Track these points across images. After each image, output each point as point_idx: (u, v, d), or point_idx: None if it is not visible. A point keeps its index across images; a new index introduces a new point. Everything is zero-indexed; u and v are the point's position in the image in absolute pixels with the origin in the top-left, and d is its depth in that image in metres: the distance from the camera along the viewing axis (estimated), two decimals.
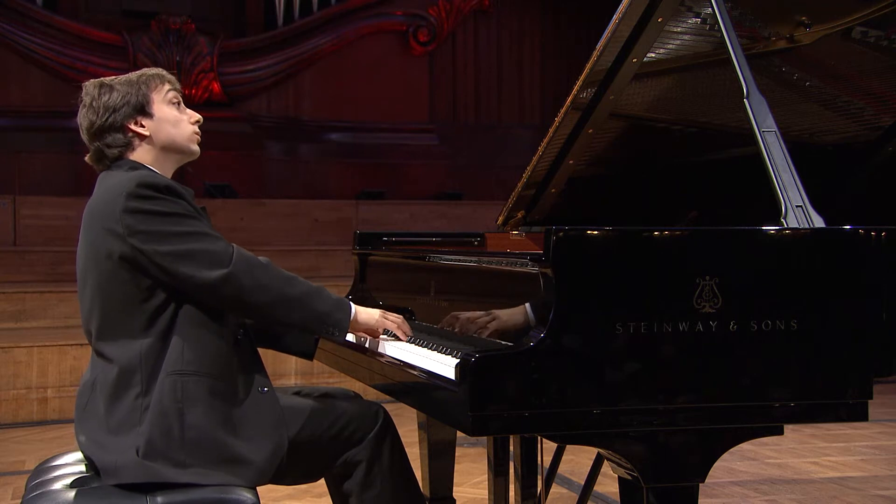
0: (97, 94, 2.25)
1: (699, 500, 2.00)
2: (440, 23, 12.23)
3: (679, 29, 2.74)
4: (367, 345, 2.45)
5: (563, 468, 4.20)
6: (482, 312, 2.25)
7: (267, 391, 2.23)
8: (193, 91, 10.88)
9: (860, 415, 1.99)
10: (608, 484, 4.05)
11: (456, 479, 3.26)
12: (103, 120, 2.23)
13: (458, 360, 1.86)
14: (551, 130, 2.92)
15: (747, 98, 2.22)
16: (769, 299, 1.93)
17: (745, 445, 2.02)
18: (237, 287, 2.11)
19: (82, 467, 2.21)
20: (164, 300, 2.12)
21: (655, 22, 2.60)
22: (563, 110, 2.84)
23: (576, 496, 3.35)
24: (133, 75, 2.29)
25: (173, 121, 2.27)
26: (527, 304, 2.06)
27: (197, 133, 2.33)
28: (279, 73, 11.40)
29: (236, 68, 11.09)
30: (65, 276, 8.16)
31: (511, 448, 2.95)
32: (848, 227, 2.01)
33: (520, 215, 3.26)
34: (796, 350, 1.94)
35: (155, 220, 2.09)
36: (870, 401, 2.02)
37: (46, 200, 9.20)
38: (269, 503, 2.44)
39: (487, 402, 1.81)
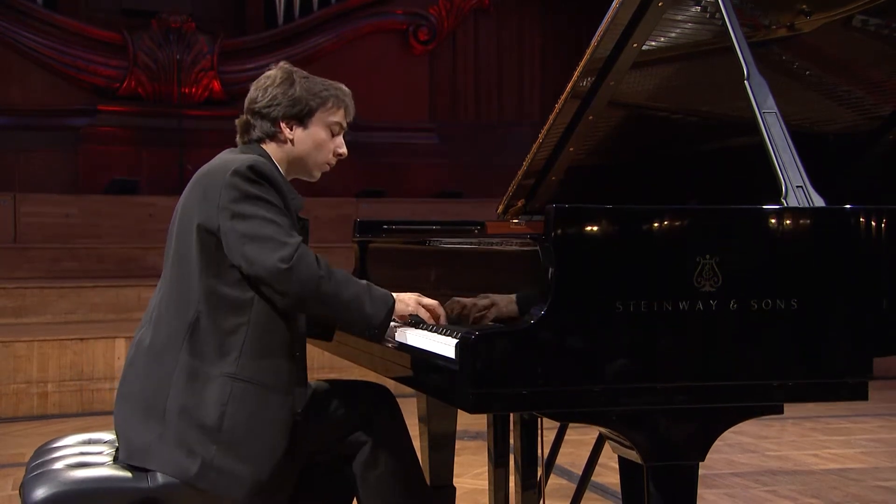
0: (278, 81, 2.31)
1: (699, 491, 2.01)
2: (440, 22, 12.23)
3: (680, 17, 2.74)
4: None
5: (563, 460, 4.21)
6: (480, 300, 2.25)
7: (299, 416, 2.24)
8: (193, 90, 10.87)
9: (860, 394, 1.98)
10: (608, 475, 4.05)
11: (456, 471, 3.27)
12: (265, 104, 2.29)
13: (458, 339, 1.86)
14: (551, 118, 2.92)
15: (748, 79, 2.23)
16: (769, 278, 1.94)
17: (745, 438, 2.03)
18: (290, 285, 2.11)
19: (83, 448, 2.22)
20: (233, 283, 2.15)
21: (656, 6, 2.60)
22: (563, 97, 2.84)
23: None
24: (321, 84, 2.35)
25: (318, 143, 2.33)
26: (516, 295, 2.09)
27: (330, 165, 2.39)
28: None
29: (236, 67, 11.07)
30: (65, 272, 8.17)
31: (511, 441, 2.96)
32: (848, 206, 2.02)
33: (520, 204, 3.26)
34: (796, 329, 1.94)
35: (246, 202, 2.13)
36: (870, 395, 2.01)
37: (47, 198, 9.22)
38: None
39: (488, 380, 1.81)
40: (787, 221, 1.99)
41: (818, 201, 2.08)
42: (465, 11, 12.38)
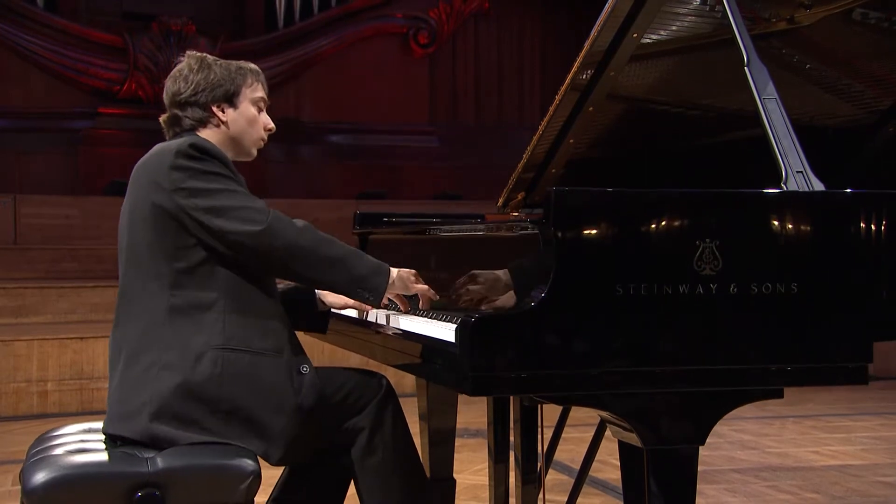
0: (195, 68, 2.32)
1: (699, 486, 2.00)
2: (440, 25, 12.25)
3: (680, 10, 2.74)
4: (366, 317, 2.47)
5: (563, 456, 4.22)
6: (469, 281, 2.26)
7: (307, 371, 2.27)
8: None
9: (859, 378, 1.97)
10: (607, 470, 4.06)
11: (456, 467, 3.27)
12: (191, 93, 2.30)
13: (458, 324, 1.86)
14: (551, 110, 2.91)
15: (748, 65, 2.22)
16: (769, 263, 1.93)
17: (745, 435, 2.02)
18: (270, 244, 2.14)
19: (83, 436, 2.22)
20: (198, 263, 2.16)
21: None
22: (562, 88, 2.83)
23: None
24: (234, 64, 2.37)
25: (251, 120, 2.36)
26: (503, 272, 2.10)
27: (263, 140, 2.42)
28: (279, 74, 11.38)
29: None
30: (64, 272, 8.19)
31: (511, 438, 2.96)
32: (848, 190, 2.02)
33: (520, 197, 3.26)
34: (796, 313, 1.94)
35: (198, 178, 2.15)
36: (871, 395, 2.01)
37: (47, 200, 9.26)
38: (268, 488, 2.44)
39: (487, 362, 1.81)
40: (788, 206, 1.99)
41: (818, 186, 2.08)
42: (465, 15, 12.40)
